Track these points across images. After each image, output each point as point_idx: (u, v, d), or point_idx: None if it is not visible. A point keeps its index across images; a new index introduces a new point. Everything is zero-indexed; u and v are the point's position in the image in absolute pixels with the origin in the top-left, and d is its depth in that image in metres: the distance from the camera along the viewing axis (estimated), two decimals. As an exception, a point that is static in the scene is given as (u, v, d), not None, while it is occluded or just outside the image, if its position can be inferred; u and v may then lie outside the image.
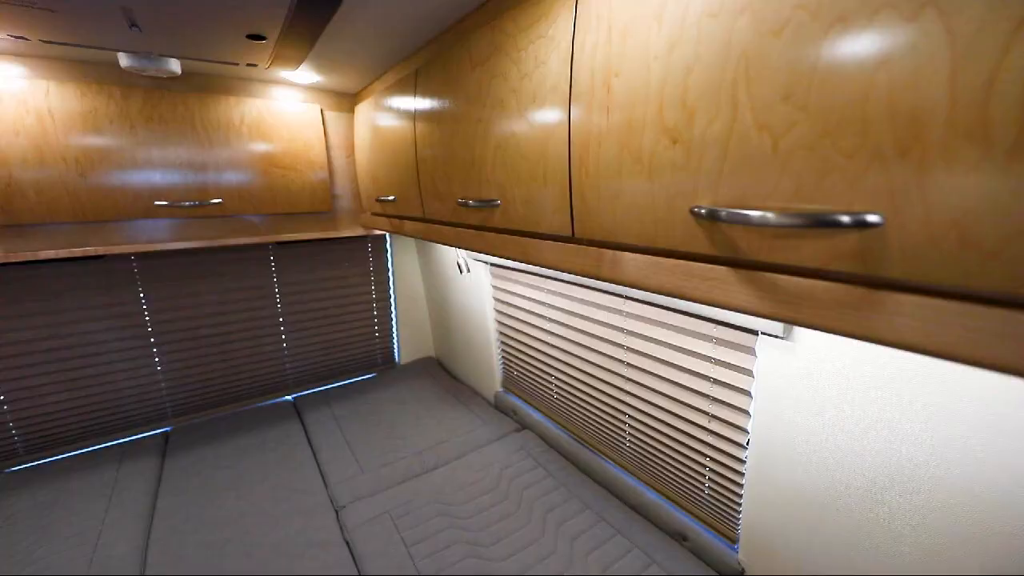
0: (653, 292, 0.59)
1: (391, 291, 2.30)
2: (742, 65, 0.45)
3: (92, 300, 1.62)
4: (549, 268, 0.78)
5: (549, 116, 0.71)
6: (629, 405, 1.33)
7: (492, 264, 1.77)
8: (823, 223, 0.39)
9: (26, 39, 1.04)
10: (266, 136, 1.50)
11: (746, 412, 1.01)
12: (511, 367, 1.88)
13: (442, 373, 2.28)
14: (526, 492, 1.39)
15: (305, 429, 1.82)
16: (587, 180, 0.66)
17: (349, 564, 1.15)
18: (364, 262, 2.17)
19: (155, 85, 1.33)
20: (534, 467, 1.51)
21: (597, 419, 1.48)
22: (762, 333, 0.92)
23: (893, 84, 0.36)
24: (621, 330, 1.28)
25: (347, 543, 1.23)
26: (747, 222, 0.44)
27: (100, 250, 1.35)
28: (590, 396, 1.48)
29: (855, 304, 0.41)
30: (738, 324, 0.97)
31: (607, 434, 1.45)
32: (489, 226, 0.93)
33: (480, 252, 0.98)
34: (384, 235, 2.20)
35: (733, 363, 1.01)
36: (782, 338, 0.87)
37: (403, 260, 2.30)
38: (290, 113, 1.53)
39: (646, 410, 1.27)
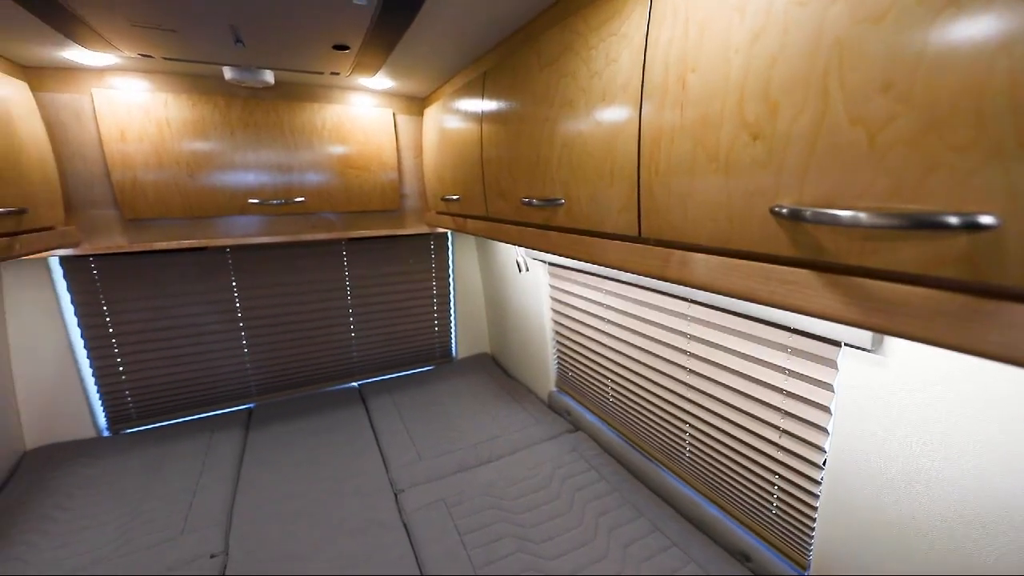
0: (724, 295, 0.57)
1: (451, 287, 2.37)
2: (835, 55, 0.42)
3: (194, 287, 1.83)
4: (613, 268, 0.77)
5: (618, 114, 0.71)
6: (690, 413, 1.28)
7: (550, 263, 1.78)
8: (926, 224, 0.36)
9: (151, 57, 1.19)
10: (344, 139, 1.61)
11: (823, 429, 0.93)
12: (566, 367, 1.87)
13: (497, 370, 2.32)
14: (578, 494, 1.38)
15: (369, 415, 1.93)
16: (656, 178, 0.64)
17: (406, 545, 1.21)
18: (427, 259, 2.26)
19: (251, 95, 1.47)
20: (587, 469, 1.49)
21: (655, 426, 1.44)
22: (846, 345, 0.85)
23: (1016, 71, 0.32)
24: (684, 335, 1.24)
25: (404, 525, 1.29)
26: (836, 222, 0.41)
27: (203, 242, 1.51)
28: (648, 401, 1.44)
29: (960, 313, 0.37)
30: (818, 334, 0.91)
31: (665, 442, 1.41)
32: (553, 225, 0.94)
33: (542, 251, 0.99)
34: (446, 233, 2.28)
35: (810, 376, 0.94)
36: (870, 351, 0.80)
37: (463, 257, 2.37)
38: (365, 118, 1.63)
39: (709, 420, 1.22)
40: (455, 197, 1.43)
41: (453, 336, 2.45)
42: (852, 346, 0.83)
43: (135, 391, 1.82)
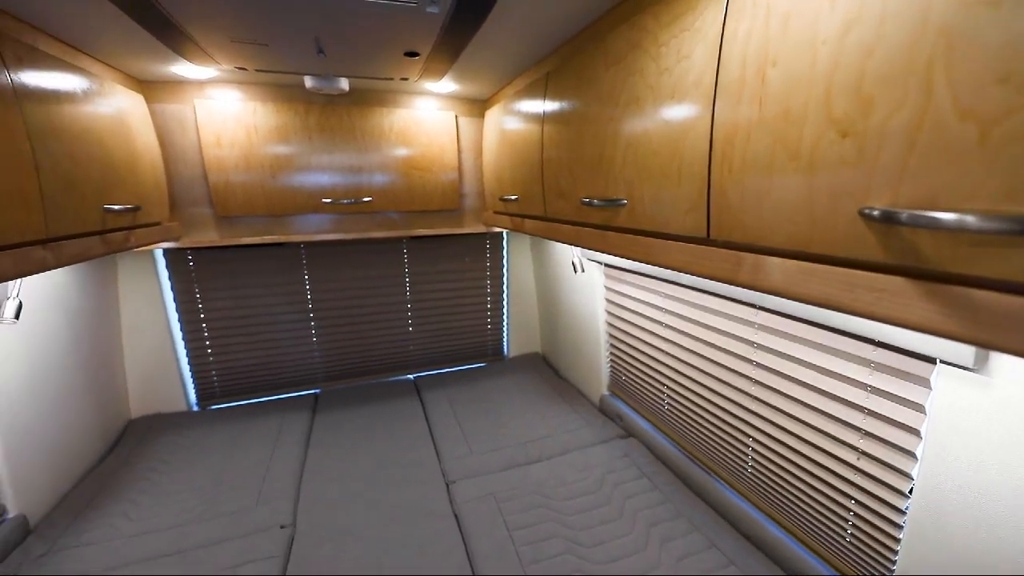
0: (802, 302, 0.54)
1: (504, 286, 2.41)
2: (941, 43, 0.39)
3: (272, 279, 1.99)
4: (676, 270, 0.75)
5: (689, 111, 0.69)
6: (754, 427, 1.21)
7: (606, 264, 1.75)
8: (1049, 229, 0.32)
9: (245, 69, 1.31)
10: (409, 142, 1.68)
11: (911, 454, 0.85)
12: (619, 371, 1.84)
13: (548, 370, 2.32)
14: (629, 501, 1.35)
15: (423, 406, 2.00)
16: (729, 177, 0.62)
17: (456, 536, 1.24)
18: (482, 257, 2.31)
19: (327, 101, 1.58)
20: (639, 477, 1.46)
21: (714, 437, 1.37)
22: (942, 362, 0.77)
23: None
24: (751, 343, 1.17)
25: (455, 516, 1.33)
26: (936, 226, 0.38)
27: (282, 238, 1.65)
28: (707, 412, 1.38)
29: (1093, 331, 0.33)
30: (907, 349, 0.83)
31: (725, 455, 1.34)
32: (613, 225, 0.93)
33: (600, 251, 0.98)
34: (501, 232, 2.31)
35: (898, 395, 0.86)
36: (972, 369, 0.72)
37: (517, 257, 2.39)
38: (429, 120, 1.70)
39: (776, 435, 1.15)
40: (513, 197, 1.45)
41: (505, 334, 2.48)
42: (950, 363, 0.75)
43: (220, 371, 2.01)
